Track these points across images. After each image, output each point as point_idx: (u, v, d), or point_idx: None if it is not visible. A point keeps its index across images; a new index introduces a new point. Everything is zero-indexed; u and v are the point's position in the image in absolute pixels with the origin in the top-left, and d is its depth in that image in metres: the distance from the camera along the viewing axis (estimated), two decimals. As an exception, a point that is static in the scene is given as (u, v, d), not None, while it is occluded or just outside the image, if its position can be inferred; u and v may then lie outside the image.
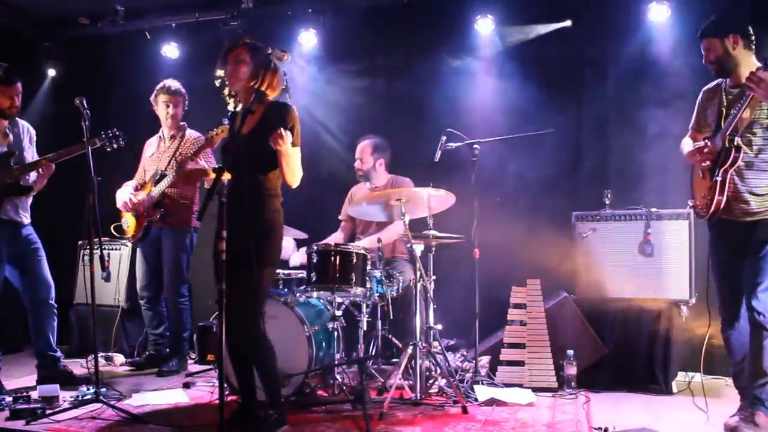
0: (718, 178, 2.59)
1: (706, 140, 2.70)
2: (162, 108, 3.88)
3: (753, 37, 2.65)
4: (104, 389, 3.07)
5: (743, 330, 2.68)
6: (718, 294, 2.77)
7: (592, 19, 4.09)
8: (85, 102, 3.08)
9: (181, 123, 3.95)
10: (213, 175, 2.93)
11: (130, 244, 4.36)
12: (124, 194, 3.86)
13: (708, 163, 2.65)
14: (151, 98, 3.92)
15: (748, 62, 2.65)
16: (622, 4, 4.01)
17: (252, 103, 2.45)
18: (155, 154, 3.95)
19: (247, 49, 2.59)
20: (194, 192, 3.90)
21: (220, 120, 3.43)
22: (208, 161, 3.75)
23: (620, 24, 4.03)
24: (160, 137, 3.99)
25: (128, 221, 3.92)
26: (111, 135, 3.37)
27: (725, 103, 2.67)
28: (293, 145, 2.56)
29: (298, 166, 2.58)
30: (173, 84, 3.90)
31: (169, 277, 3.85)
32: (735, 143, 2.55)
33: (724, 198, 2.60)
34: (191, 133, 3.93)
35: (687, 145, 2.85)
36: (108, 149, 3.39)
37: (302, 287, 3.33)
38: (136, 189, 3.89)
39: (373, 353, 3.40)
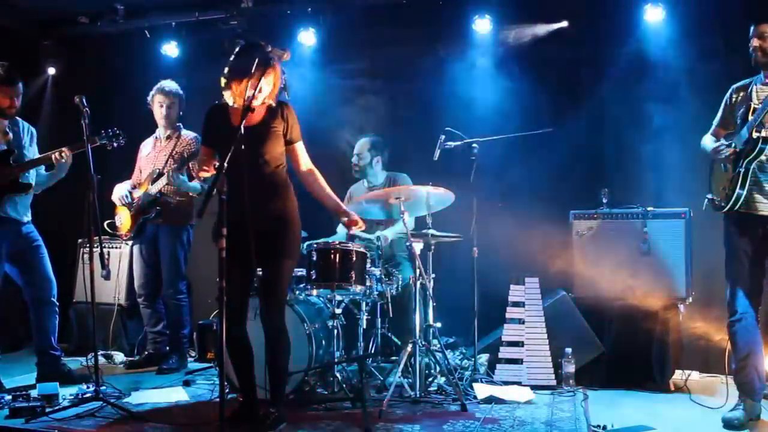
0: (741, 170, 2.61)
1: (730, 140, 2.71)
2: (158, 108, 3.91)
3: None
4: (104, 387, 3.08)
5: (749, 326, 2.69)
6: (731, 288, 2.75)
7: (588, 20, 4.11)
8: (84, 100, 3.08)
9: (177, 124, 3.97)
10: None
11: (129, 243, 4.36)
12: (122, 189, 3.89)
13: (732, 155, 2.66)
14: (148, 98, 3.94)
15: None
16: (617, 6, 4.04)
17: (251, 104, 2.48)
18: (151, 153, 3.96)
19: (280, 70, 2.58)
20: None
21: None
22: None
23: (616, 25, 4.05)
24: (156, 137, 4.01)
25: (122, 218, 3.93)
26: (111, 133, 3.39)
27: (755, 100, 2.67)
28: (297, 140, 2.66)
29: (309, 161, 2.71)
30: (169, 85, 3.92)
31: (168, 274, 3.87)
32: (762, 134, 2.57)
33: (745, 191, 2.62)
34: (187, 134, 3.96)
35: (709, 142, 2.84)
36: (109, 148, 3.40)
37: (302, 285, 3.34)
38: (134, 188, 3.92)
39: (372, 351, 3.41)
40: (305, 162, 2.71)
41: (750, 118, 2.64)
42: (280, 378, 2.59)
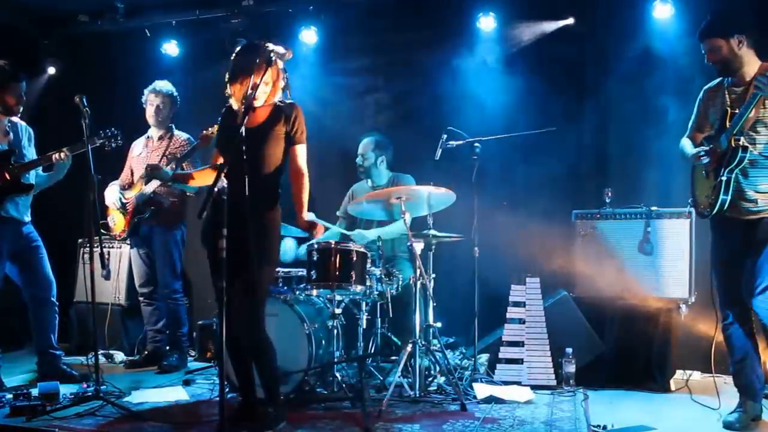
0: (723, 178, 2.58)
1: (709, 144, 2.68)
2: (151, 108, 3.92)
3: (759, 38, 2.63)
4: (104, 386, 3.08)
5: (744, 328, 2.68)
6: (719, 292, 2.76)
7: (594, 17, 4.08)
8: (84, 100, 3.08)
9: (169, 124, 3.98)
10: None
11: (129, 243, 4.36)
12: (114, 193, 3.90)
13: (713, 163, 2.64)
14: (143, 99, 3.95)
15: (751, 61, 2.64)
16: (625, 3, 4.00)
17: (252, 104, 2.45)
18: (143, 153, 3.97)
19: (278, 69, 2.57)
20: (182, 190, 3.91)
21: (216, 119, 3.43)
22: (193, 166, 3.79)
23: (623, 22, 4.02)
24: (147, 137, 4.02)
25: (115, 219, 3.95)
26: (110, 134, 3.40)
27: (728, 103, 2.65)
28: (299, 142, 2.62)
29: (304, 166, 2.63)
30: (164, 85, 3.94)
31: (163, 274, 3.89)
32: (741, 143, 2.54)
33: (729, 197, 2.59)
34: (179, 134, 3.98)
35: (688, 146, 2.83)
36: (107, 148, 3.41)
37: (302, 285, 3.34)
38: (124, 188, 3.94)
39: (372, 351, 3.41)
40: (299, 164, 2.64)
41: (728, 124, 2.60)
42: (270, 379, 2.57)
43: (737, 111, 2.57)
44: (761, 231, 2.59)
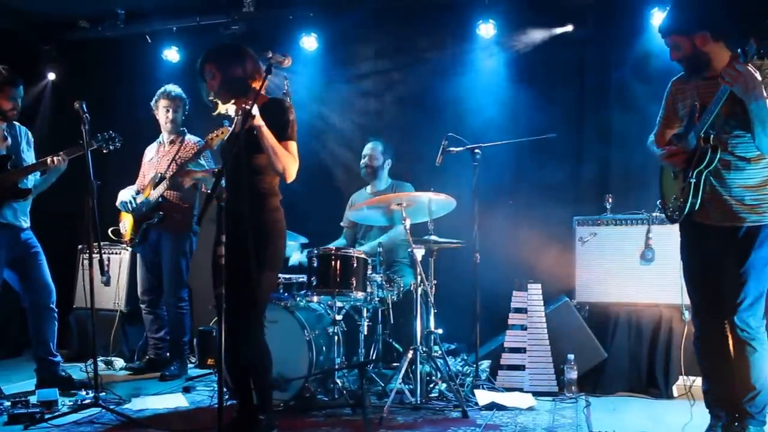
0: (692, 180, 2.33)
1: (677, 142, 2.47)
2: (162, 113, 3.91)
3: (725, 28, 2.33)
4: (103, 393, 3.07)
5: (712, 343, 2.46)
6: (691, 303, 2.56)
7: (594, 24, 4.10)
8: (84, 106, 3.07)
9: (181, 128, 3.97)
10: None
11: (129, 249, 4.36)
12: (127, 195, 3.88)
13: (681, 164, 2.42)
14: (152, 103, 3.95)
15: (721, 53, 2.33)
16: (623, 10, 4.02)
17: (245, 105, 2.43)
18: (154, 158, 3.97)
19: (212, 61, 2.53)
20: (193, 196, 3.90)
21: (220, 123, 3.44)
22: (208, 163, 3.78)
23: (623, 29, 4.03)
24: (159, 142, 4.01)
25: (126, 224, 3.93)
26: (107, 137, 3.39)
27: (698, 98, 2.38)
28: (289, 138, 2.50)
29: (287, 156, 2.44)
30: (174, 89, 3.92)
31: (169, 281, 3.86)
32: (711, 143, 2.28)
33: (699, 200, 2.35)
34: (190, 138, 3.96)
35: (654, 145, 2.64)
36: (104, 151, 3.40)
37: (303, 291, 3.33)
38: (138, 193, 3.92)
39: (373, 357, 3.40)
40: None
41: (696, 121, 2.33)
42: (263, 387, 2.52)
43: (708, 108, 2.30)
44: (742, 242, 2.32)
